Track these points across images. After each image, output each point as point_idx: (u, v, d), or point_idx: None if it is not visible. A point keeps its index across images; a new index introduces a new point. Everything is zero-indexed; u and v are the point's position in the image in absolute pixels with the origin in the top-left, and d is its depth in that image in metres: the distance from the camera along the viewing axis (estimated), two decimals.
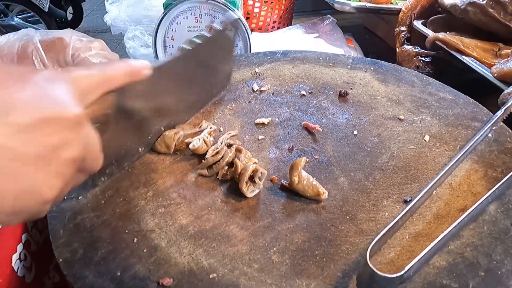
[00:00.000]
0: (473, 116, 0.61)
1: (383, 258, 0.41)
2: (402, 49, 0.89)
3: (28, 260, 0.47)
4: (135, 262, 0.40)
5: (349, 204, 0.47)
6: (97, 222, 0.44)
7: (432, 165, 0.53)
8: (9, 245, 0.45)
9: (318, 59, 0.77)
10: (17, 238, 0.46)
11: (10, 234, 0.45)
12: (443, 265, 0.40)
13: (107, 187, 0.48)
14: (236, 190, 0.48)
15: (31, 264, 0.48)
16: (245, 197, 0.47)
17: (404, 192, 0.49)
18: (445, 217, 0.45)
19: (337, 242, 0.43)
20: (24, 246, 0.47)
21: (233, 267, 0.40)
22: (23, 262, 0.46)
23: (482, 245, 0.42)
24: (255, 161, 0.52)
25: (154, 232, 0.43)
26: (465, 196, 0.48)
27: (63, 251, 0.41)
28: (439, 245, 0.40)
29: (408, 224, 0.45)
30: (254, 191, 0.48)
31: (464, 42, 0.77)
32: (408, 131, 0.59)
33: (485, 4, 0.77)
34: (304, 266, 0.40)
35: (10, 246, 0.45)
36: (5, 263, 0.43)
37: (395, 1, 1.05)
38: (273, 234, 0.43)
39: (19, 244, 0.46)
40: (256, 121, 0.60)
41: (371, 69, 0.73)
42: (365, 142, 0.57)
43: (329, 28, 1.08)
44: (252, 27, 1.12)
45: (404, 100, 0.65)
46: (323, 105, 0.65)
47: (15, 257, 0.45)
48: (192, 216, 0.45)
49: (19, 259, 0.45)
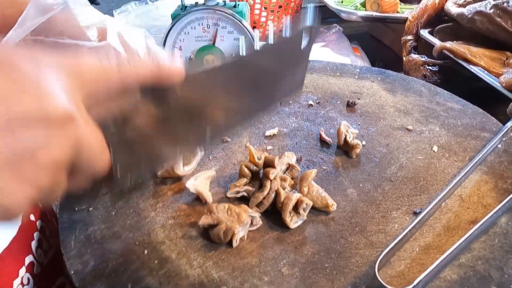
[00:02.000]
0: (482, 126, 0.61)
1: (393, 271, 0.41)
2: (409, 58, 0.89)
3: (31, 284, 0.45)
4: (146, 275, 0.40)
5: (359, 216, 0.47)
6: (108, 234, 0.44)
7: (441, 176, 0.53)
8: (10, 271, 0.43)
9: (325, 68, 0.77)
10: (19, 263, 0.45)
11: (12, 259, 0.43)
12: (455, 279, 0.40)
13: (117, 198, 0.49)
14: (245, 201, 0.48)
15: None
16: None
17: (413, 203, 0.49)
18: (455, 229, 0.45)
19: (347, 255, 0.43)
20: (27, 270, 0.45)
21: (243, 279, 0.40)
22: (26, 286, 0.45)
23: (493, 258, 0.41)
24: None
25: (164, 243, 0.44)
26: (475, 208, 0.48)
27: (74, 263, 0.41)
28: (449, 258, 0.40)
29: (418, 236, 0.45)
30: (297, 222, 0.46)
31: (472, 51, 0.77)
32: (417, 141, 0.59)
33: (492, 13, 0.77)
34: (314, 279, 0.40)
35: (11, 271, 0.43)
36: None
37: (402, 10, 1.06)
38: (282, 246, 0.43)
39: (21, 269, 0.44)
40: (267, 134, 0.60)
41: (378, 79, 0.74)
42: (373, 153, 0.57)
43: (335, 37, 1.08)
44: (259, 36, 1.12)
45: (412, 110, 0.65)
46: (331, 115, 0.65)
47: (17, 282, 0.43)
48: (202, 228, 0.45)
49: (21, 283, 0.44)
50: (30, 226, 0.47)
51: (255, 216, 0.45)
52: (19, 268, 0.44)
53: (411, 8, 1.04)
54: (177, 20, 0.82)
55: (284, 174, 0.51)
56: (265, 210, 0.47)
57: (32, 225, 0.48)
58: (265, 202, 0.47)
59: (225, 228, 0.42)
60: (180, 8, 0.83)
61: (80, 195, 0.49)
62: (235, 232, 0.42)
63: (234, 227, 0.42)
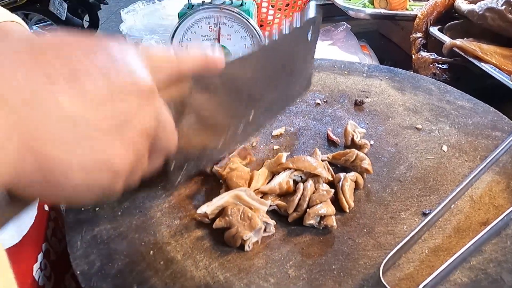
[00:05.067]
0: (493, 125, 0.60)
1: (402, 273, 0.40)
2: (418, 56, 0.87)
3: (48, 269, 0.48)
4: (152, 275, 0.40)
5: (367, 217, 0.46)
6: (114, 234, 0.44)
7: (451, 176, 0.52)
8: (30, 256, 0.45)
9: (333, 67, 0.76)
10: (38, 248, 0.47)
11: (31, 244, 0.46)
12: (465, 282, 0.39)
13: (123, 198, 0.49)
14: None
15: (51, 273, 0.48)
16: None
17: (422, 204, 0.48)
18: (465, 231, 0.44)
19: (355, 256, 0.42)
20: (44, 256, 0.48)
21: (249, 281, 0.39)
22: (44, 271, 0.47)
23: (505, 261, 0.40)
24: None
25: (170, 244, 0.43)
26: (486, 209, 0.47)
27: (80, 263, 0.41)
28: (458, 261, 0.39)
29: (428, 238, 0.44)
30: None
31: (483, 49, 0.75)
32: (426, 141, 0.58)
33: (504, 9, 0.76)
34: (321, 281, 0.39)
35: (31, 256, 0.45)
36: (27, 273, 0.44)
37: (411, 7, 1.04)
38: (289, 247, 0.43)
39: (39, 254, 0.47)
40: (273, 133, 0.60)
41: (387, 77, 0.73)
42: (381, 152, 0.56)
43: (343, 35, 1.07)
44: (265, 34, 1.12)
45: (421, 109, 0.64)
46: (339, 114, 0.64)
47: (36, 266, 0.45)
48: (208, 229, 0.45)
49: (40, 268, 0.46)
50: (44, 216, 0.50)
51: (270, 223, 0.44)
52: (37, 254, 0.46)
53: (420, 5, 1.03)
54: (184, 19, 0.82)
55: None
56: (271, 211, 0.46)
57: (46, 215, 0.51)
58: (302, 203, 0.45)
59: (235, 233, 0.42)
60: (186, 7, 0.83)
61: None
62: (244, 238, 0.41)
63: (243, 232, 0.41)
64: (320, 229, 0.45)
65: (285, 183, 0.47)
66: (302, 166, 0.48)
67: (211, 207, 0.44)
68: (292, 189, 0.47)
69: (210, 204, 0.44)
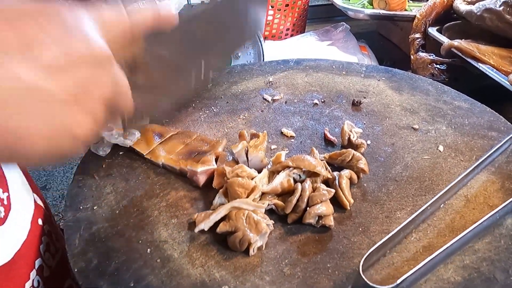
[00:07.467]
0: (489, 126, 0.60)
1: (397, 272, 0.41)
2: (417, 56, 0.88)
3: (41, 286, 0.46)
4: (148, 273, 0.40)
5: (362, 216, 0.47)
6: (112, 232, 0.45)
7: (447, 176, 0.52)
8: (23, 273, 0.44)
9: (331, 67, 0.77)
10: (30, 265, 0.45)
11: (24, 261, 0.44)
12: (459, 281, 0.39)
13: (121, 197, 0.49)
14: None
15: None
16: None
17: (418, 203, 0.48)
18: (460, 229, 0.44)
19: (350, 255, 0.42)
20: (37, 272, 0.46)
21: (245, 279, 0.40)
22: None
23: (499, 260, 0.41)
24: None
25: (167, 242, 0.44)
26: (481, 208, 0.47)
27: (78, 261, 0.42)
28: (439, 258, 0.40)
29: (422, 237, 0.44)
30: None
31: (480, 49, 0.76)
32: (423, 141, 0.58)
33: (502, 10, 0.76)
34: (316, 279, 0.40)
35: (23, 273, 0.44)
36: None
37: (410, 8, 1.05)
38: (285, 246, 0.43)
39: (32, 271, 0.45)
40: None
41: (384, 78, 0.73)
42: (378, 152, 0.56)
43: (342, 35, 1.07)
44: (265, 35, 1.12)
45: (418, 109, 0.65)
46: (336, 114, 0.65)
47: (28, 284, 0.44)
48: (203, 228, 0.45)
49: (32, 286, 0.44)
50: (38, 231, 0.48)
51: (269, 223, 0.44)
52: (30, 271, 0.44)
53: (419, 6, 1.03)
54: None
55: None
56: (268, 210, 0.47)
57: (39, 229, 0.48)
58: (300, 204, 0.45)
59: (242, 236, 0.42)
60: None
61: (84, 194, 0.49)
62: (252, 242, 0.42)
63: (250, 237, 0.41)
64: (317, 227, 0.45)
65: (285, 181, 0.48)
66: (302, 165, 0.48)
67: (209, 223, 0.44)
68: (292, 187, 0.48)
69: (208, 221, 0.44)
